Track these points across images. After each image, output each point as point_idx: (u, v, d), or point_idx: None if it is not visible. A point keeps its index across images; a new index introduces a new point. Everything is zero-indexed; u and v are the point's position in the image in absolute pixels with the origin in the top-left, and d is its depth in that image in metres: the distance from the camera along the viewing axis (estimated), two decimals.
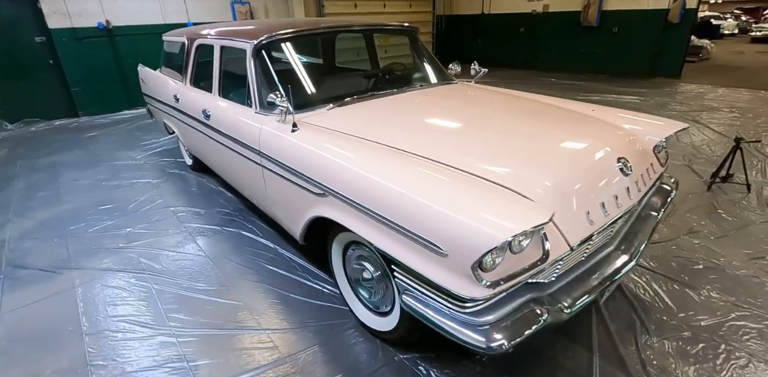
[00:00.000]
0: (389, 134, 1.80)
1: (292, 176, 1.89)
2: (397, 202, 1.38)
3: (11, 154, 4.89)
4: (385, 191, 1.42)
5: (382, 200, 1.42)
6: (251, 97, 2.32)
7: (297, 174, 1.85)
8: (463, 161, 1.52)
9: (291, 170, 1.89)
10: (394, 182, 1.42)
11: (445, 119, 2.01)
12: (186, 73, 3.29)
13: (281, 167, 1.98)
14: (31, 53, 5.89)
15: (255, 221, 3.02)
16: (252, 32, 2.43)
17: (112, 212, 3.27)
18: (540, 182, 1.45)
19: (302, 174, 1.80)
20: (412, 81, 2.65)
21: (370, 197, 1.46)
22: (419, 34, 2.98)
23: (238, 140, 2.36)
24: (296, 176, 1.86)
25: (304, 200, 1.88)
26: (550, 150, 1.68)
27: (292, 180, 1.91)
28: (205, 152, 3.08)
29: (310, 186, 1.77)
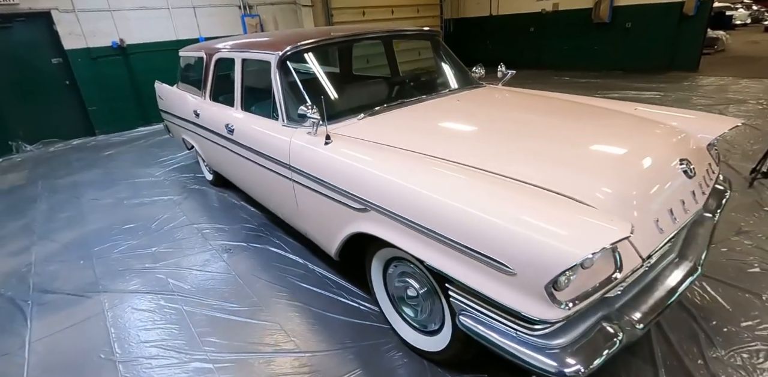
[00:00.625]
0: (430, 143, 1.70)
1: (329, 191, 1.81)
2: (453, 217, 1.27)
3: (32, 175, 4.91)
4: (440, 206, 1.31)
5: (437, 216, 1.32)
6: (277, 109, 2.25)
7: (334, 189, 1.76)
8: (516, 171, 1.41)
9: (327, 184, 1.80)
10: (449, 196, 1.32)
11: (485, 125, 1.91)
12: (205, 88, 3.24)
13: (315, 182, 1.89)
14: (48, 75, 5.95)
15: (282, 236, 2.94)
16: (274, 44, 2.37)
17: (135, 231, 3.22)
18: (604, 190, 1.34)
19: (340, 189, 1.71)
20: (440, 86, 2.56)
21: (422, 213, 1.36)
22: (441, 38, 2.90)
23: (265, 154, 2.28)
24: (333, 191, 1.77)
25: (341, 215, 1.79)
26: (607, 155, 1.57)
27: (328, 195, 1.82)
28: (228, 167, 3.01)
29: (350, 201, 1.68)
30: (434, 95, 2.42)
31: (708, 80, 7.60)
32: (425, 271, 1.59)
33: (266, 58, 2.33)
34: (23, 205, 3.99)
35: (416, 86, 2.56)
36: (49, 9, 5.61)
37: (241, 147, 2.57)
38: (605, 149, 1.61)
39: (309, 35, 2.46)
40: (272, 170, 2.27)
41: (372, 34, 2.51)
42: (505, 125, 1.88)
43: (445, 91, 2.49)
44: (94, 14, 5.95)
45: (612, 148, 1.62)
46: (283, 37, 2.53)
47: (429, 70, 2.72)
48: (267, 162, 2.30)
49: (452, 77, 2.73)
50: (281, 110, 2.23)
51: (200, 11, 6.84)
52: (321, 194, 1.88)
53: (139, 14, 6.29)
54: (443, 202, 1.31)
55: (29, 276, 2.73)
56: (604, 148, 1.62)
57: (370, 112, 2.14)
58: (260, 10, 7.45)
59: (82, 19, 5.86)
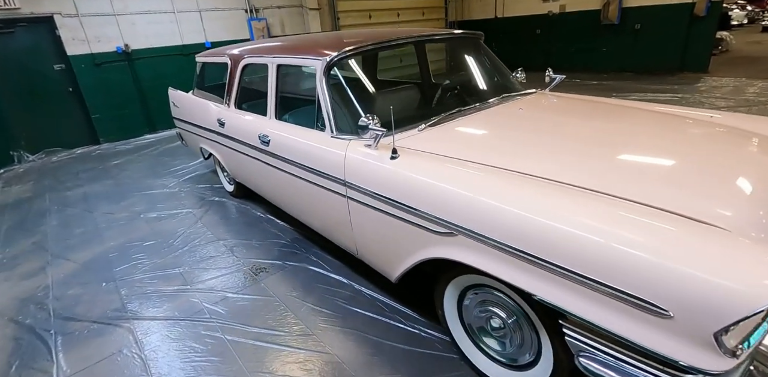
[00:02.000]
0: (512, 158, 1.53)
1: (399, 212, 1.63)
2: (580, 249, 1.10)
3: (38, 187, 4.68)
4: (559, 235, 1.14)
5: (556, 246, 1.14)
6: (325, 119, 2.07)
7: (408, 210, 1.58)
8: (628, 191, 1.25)
9: (398, 204, 1.62)
10: (568, 222, 1.15)
11: (567, 137, 1.73)
12: (230, 95, 3.06)
13: (380, 201, 1.71)
14: (51, 81, 5.73)
15: (319, 253, 2.75)
16: (318, 48, 2.20)
17: (158, 248, 3.01)
18: (731, 212, 1.18)
19: (417, 210, 1.54)
20: (492, 93, 2.40)
21: (535, 241, 1.19)
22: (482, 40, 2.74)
23: (311, 168, 2.10)
24: (407, 212, 1.59)
25: (415, 238, 1.61)
26: (719, 170, 1.40)
27: (398, 216, 1.64)
28: (260, 180, 2.82)
29: (430, 224, 1.50)
30: (490, 103, 2.25)
31: (721, 81, 7.53)
32: (518, 300, 1.42)
33: (310, 64, 2.15)
34: (32, 220, 3.76)
35: (468, 93, 2.40)
36: (51, 13, 5.39)
37: (279, 160, 2.38)
38: (715, 164, 1.45)
39: (351, 39, 2.28)
40: (320, 185, 2.09)
41: (418, 38, 2.34)
42: (591, 137, 1.72)
43: (498, 99, 2.33)
44: (98, 19, 5.74)
45: (723, 162, 1.46)
46: (324, 42, 2.35)
47: (475, 75, 2.56)
48: (313, 177, 2.12)
49: (501, 83, 2.57)
50: (329, 121, 2.05)
51: (206, 15, 6.65)
52: (387, 214, 1.70)
53: (144, 18, 6.09)
54: (564, 230, 1.13)
55: (48, 302, 2.52)
56: (714, 162, 1.46)
57: (428, 122, 1.97)
58: (267, 13, 7.28)
59: (85, 23, 5.65)
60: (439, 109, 2.14)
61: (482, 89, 2.47)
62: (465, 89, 2.42)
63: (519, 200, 1.27)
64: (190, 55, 6.63)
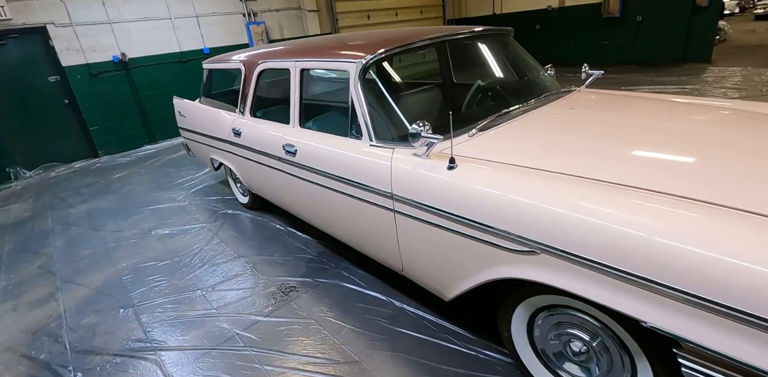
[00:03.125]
0: (599, 165, 1.37)
1: (464, 228, 1.46)
2: (711, 272, 0.94)
3: (38, 205, 4.47)
4: (688, 259, 0.98)
5: (680, 270, 0.98)
6: (362, 127, 1.90)
7: (476, 226, 1.42)
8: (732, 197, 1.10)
9: (462, 220, 1.46)
10: (683, 239, 0.99)
11: (642, 138, 1.57)
12: (245, 103, 2.88)
13: (439, 216, 1.55)
14: (45, 94, 5.51)
15: (350, 268, 2.58)
16: (349, 50, 2.03)
17: (175, 268, 2.83)
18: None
19: (488, 227, 1.37)
20: (532, 92, 2.24)
21: (654, 264, 1.03)
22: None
23: (348, 180, 1.93)
24: (473, 228, 1.43)
25: (482, 256, 1.45)
26: None
27: (463, 232, 1.48)
28: (283, 192, 2.64)
29: (505, 242, 1.34)
30: (534, 103, 2.10)
31: (728, 71, 7.44)
32: (606, 320, 1.27)
33: (342, 68, 1.98)
34: (36, 241, 3.56)
35: (508, 93, 2.24)
36: (44, 23, 5.18)
37: (308, 171, 2.21)
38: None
39: (381, 39, 2.12)
40: (360, 198, 1.92)
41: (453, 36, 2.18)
42: (671, 138, 1.56)
43: (540, 98, 2.18)
44: (93, 27, 5.54)
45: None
46: (352, 43, 2.18)
47: (513, 73, 2.40)
48: (351, 189, 1.95)
49: (539, 81, 2.42)
50: (367, 128, 1.89)
51: (204, 20, 6.46)
52: (447, 230, 1.54)
53: (140, 26, 5.89)
54: (690, 252, 0.97)
55: (62, 333, 2.33)
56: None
57: (478, 126, 1.80)
58: (265, 17, 7.10)
59: (80, 33, 5.45)
60: (484, 111, 1.99)
61: (523, 89, 2.31)
62: (505, 89, 2.26)
63: (623, 216, 1.11)
64: (188, 62, 6.45)
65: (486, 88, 2.20)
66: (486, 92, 2.19)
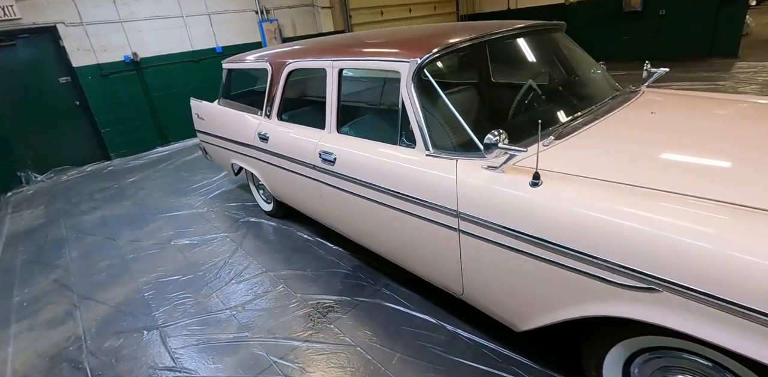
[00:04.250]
0: (717, 184, 1.16)
1: (557, 256, 1.25)
2: None
3: (50, 212, 4.30)
4: None
5: None
6: (416, 134, 1.69)
7: (574, 255, 1.20)
8: None
9: (556, 247, 1.24)
10: None
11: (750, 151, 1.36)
12: (272, 105, 2.68)
13: (521, 240, 1.34)
14: (56, 96, 5.34)
15: (391, 285, 2.38)
16: (399, 47, 1.82)
17: (200, 284, 2.64)
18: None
19: (592, 257, 1.16)
20: (599, 93, 2.02)
21: None
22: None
23: (401, 194, 1.72)
24: (569, 257, 1.22)
25: (578, 289, 1.24)
26: None
27: (554, 261, 1.27)
28: (317, 203, 2.44)
29: (615, 276, 1.13)
30: (604, 106, 1.87)
31: (759, 66, 7.14)
32: (728, 362, 1.05)
33: (392, 68, 1.77)
34: (50, 252, 3.39)
35: (573, 95, 2.02)
36: (54, 23, 5.00)
37: (350, 182, 2.00)
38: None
39: (431, 36, 1.91)
40: (414, 214, 1.71)
41: (512, 31, 1.96)
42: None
43: (608, 100, 1.95)
44: (104, 27, 5.36)
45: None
46: (399, 40, 1.97)
47: (575, 72, 2.18)
48: (403, 204, 1.74)
49: (601, 80, 2.19)
50: (422, 135, 1.68)
51: (216, 18, 6.26)
52: (531, 256, 1.32)
53: (151, 24, 5.70)
54: None
55: (83, 359, 2.14)
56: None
57: (552, 134, 1.59)
58: (278, 14, 6.89)
59: (90, 32, 5.27)
60: (552, 117, 1.77)
61: (586, 89, 2.09)
62: (569, 91, 2.04)
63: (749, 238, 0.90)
64: (200, 62, 6.27)
65: (549, 89, 1.98)
66: (550, 95, 1.97)
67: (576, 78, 2.13)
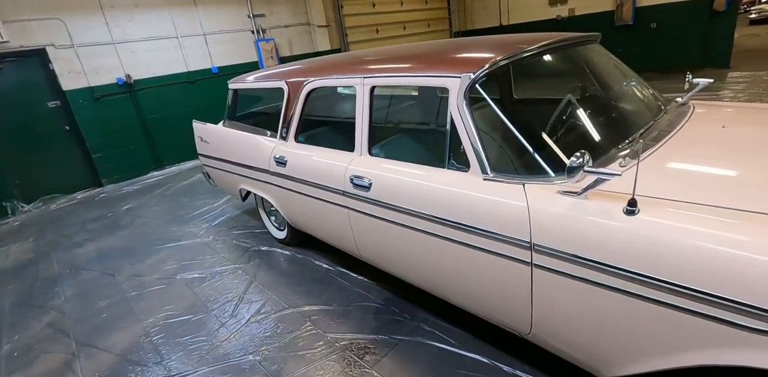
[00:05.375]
0: None
1: (667, 296, 1.07)
2: None
3: (40, 245, 4.00)
4: None
5: None
6: (471, 156, 1.52)
7: (691, 295, 1.02)
8: None
9: (665, 285, 1.06)
10: None
11: None
12: (288, 127, 2.50)
13: (620, 277, 1.15)
14: (45, 121, 5.09)
15: (430, 319, 2.16)
16: (442, 62, 1.66)
17: (214, 325, 2.39)
18: None
19: (718, 298, 0.98)
20: (652, 107, 1.89)
21: None
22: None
23: (458, 223, 1.54)
24: (683, 297, 1.04)
25: (693, 334, 1.05)
26: None
27: (661, 300, 1.08)
28: (348, 232, 2.22)
29: (750, 319, 0.95)
30: (664, 121, 1.74)
31: (753, 76, 7.24)
32: None
33: (440, 84, 1.61)
34: (42, 291, 3.09)
35: (628, 109, 1.88)
36: (43, 46, 4.80)
37: (390, 210, 1.81)
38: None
39: (477, 48, 1.76)
40: (473, 245, 1.52)
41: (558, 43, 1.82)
42: None
43: (664, 114, 1.82)
44: (96, 49, 5.17)
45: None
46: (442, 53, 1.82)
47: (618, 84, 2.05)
48: (460, 234, 1.55)
49: (645, 92, 2.07)
50: (479, 158, 1.50)
51: (211, 39, 6.13)
52: (630, 295, 1.14)
53: (145, 46, 5.54)
54: None
55: None
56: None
57: (624, 153, 1.43)
58: (274, 33, 6.80)
59: (81, 55, 5.07)
60: (616, 134, 1.62)
61: (638, 103, 1.95)
62: (623, 105, 1.89)
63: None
64: (196, 83, 6.11)
65: (603, 104, 1.84)
66: (606, 110, 1.83)
67: (625, 91, 2.00)
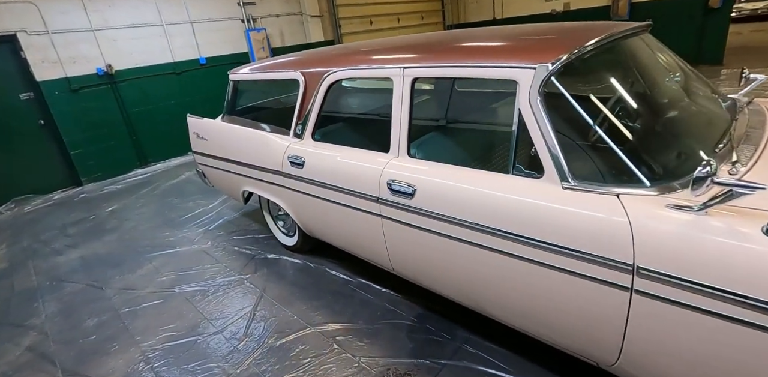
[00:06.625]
0: None
1: None
2: None
3: (15, 252, 3.61)
4: None
5: None
6: (546, 161, 1.30)
7: None
8: None
9: None
10: None
11: None
12: (305, 123, 2.23)
13: (755, 308, 0.95)
14: (16, 114, 4.64)
15: (472, 339, 1.94)
16: (508, 49, 1.43)
17: (224, 348, 2.11)
18: None
19: None
20: (719, 105, 1.70)
21: None
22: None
23: (535, 240, 1.31)
24: None
25: None
26: None
27: None
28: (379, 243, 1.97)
29: None
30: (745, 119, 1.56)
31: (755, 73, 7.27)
32: None
33: (507, 75, 1.38)
34: (19, 308, 2.75)
35: (704, 107, 1.68)
36: (14, 31, 4.34)
37: (443, 221, 1.57)
38: None
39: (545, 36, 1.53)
40: (551, 265, 1.30)
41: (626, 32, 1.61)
42: None
43: (740, 112, 1.64)
44: (73, 36, 4.73)
45: None
46: (495, 42, 1.58)
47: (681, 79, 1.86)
48: (534, 252, 1.33)
49: (709, 86, 1.89)
50: (557, 162, 1.28)
51: (199, 27, 5.73)
52: None
53: (128, 33, 5.11)
54: None
55: None
56: None
57: (731, 160, 1.24)
58: (265, 23, 6.43)
59: (57, 42, 4.63)
60: (706, 136, 1.42)
61: (710, 100, 1.76)
62: (697, 102, 1.70)
63: None
64: (182, 74, 5.72)
65: (682, 101, 1.64)
66: (686, 108, 1.63)
67: (696, 87, 1.81)
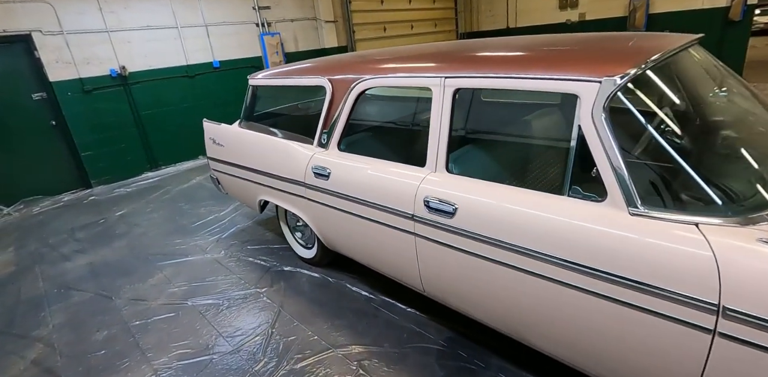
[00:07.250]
0: None
1: None
2: None
3: (22, 256, 3.52)
4: None
5: None
6: (610, 183, 1.18)
7: None
8: None
9: None
10: None
11: None
12: (332, 132, 2.13)
13: None
14: (28, 114, 4.57)
15: (507, 368, 1.82)
16: (568, 60, 1.32)
17: (242, 368, 1.99)
18: None
19: None
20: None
21: None
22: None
23: (598, 270, 1.20)
24: None
25: None
26: None
27: None
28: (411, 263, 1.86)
29: None
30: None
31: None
32: None
33: (567, 89, 1.27)
34: (25, 317, 2.64)
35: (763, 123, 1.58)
36: (29, 31, 4.29)
37: (489, 245, 1.46)
38: None
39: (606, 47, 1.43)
40: (618, 300, 1.18)
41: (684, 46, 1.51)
42: None
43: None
44: (87, 36, 4.67)
45: None
46: (556, 49, 1.48)
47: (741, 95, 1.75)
48: (595, 283, 1.21)
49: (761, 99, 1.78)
50: (622, 185, 1.17)
51: (213, 30, 5.67)
52: None
53: (142, 35, 5.06)
54: None
55: None
56: None
57: None
58: (279, 27, 6.37)
59: (72, 42, 4.57)
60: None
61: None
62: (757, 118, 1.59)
63: None
64: (196, 77, 5.65)
65: (746, 118, 1.53)
66: (753, 126, 1.52)
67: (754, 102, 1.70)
